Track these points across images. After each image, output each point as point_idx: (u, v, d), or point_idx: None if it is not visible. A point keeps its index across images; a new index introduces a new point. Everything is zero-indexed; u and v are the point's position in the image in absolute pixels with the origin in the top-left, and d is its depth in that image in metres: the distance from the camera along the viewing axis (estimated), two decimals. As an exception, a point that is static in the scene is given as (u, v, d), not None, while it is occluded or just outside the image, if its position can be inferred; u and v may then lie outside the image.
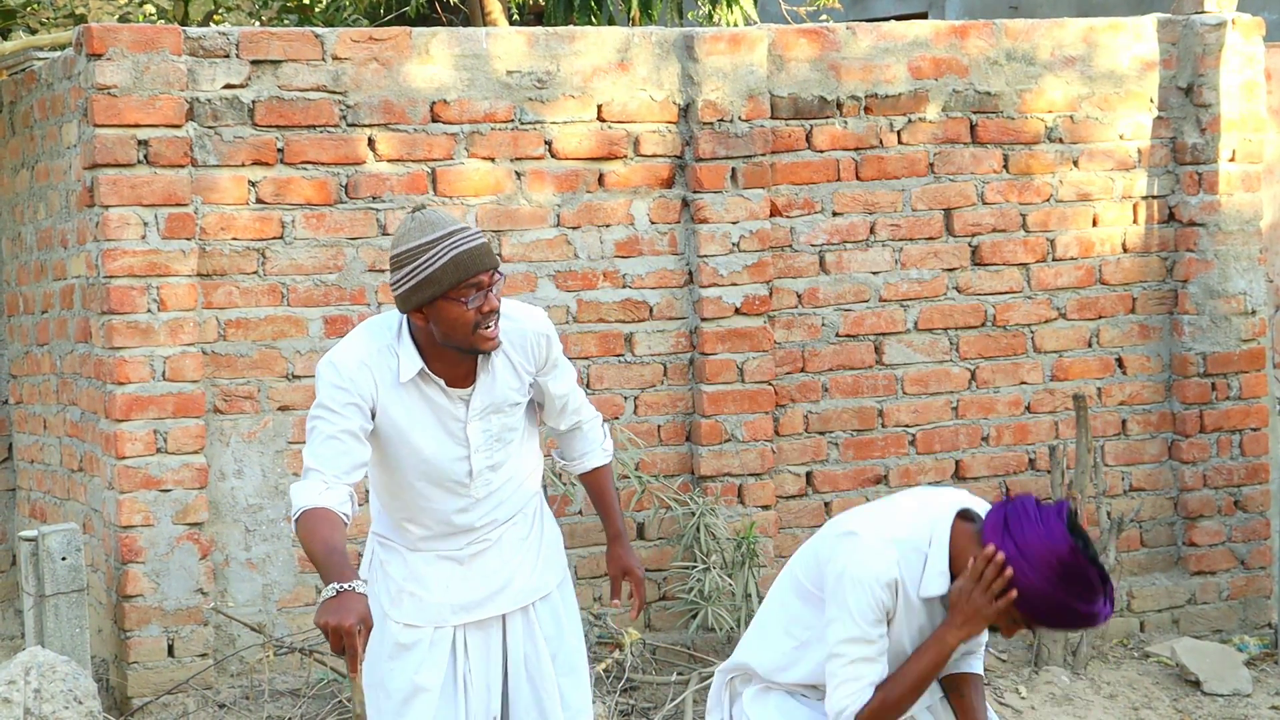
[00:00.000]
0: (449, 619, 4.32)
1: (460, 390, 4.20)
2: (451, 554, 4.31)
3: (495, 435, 4.25)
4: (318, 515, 4.01)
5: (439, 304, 4.07)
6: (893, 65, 7.01)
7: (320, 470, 4.07)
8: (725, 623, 6.59)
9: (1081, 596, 3.96)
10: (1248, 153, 7.41)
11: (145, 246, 6.22)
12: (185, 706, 6.24)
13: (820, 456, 7.02)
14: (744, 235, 6.82)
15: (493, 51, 6.60)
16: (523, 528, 4.38)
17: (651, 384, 6.84)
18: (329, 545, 3.94)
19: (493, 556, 4.33)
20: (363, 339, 4.20)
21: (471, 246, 4.08)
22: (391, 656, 4.33)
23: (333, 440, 4.10)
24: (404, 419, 4.19)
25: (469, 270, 4.06)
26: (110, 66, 6.16)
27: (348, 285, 6.50)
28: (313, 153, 6.42)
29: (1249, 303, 7.41)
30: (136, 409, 6.23)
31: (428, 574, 4.32)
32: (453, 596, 4.32)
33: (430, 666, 4.31)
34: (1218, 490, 7.43)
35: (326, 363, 4.17)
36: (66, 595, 5.94)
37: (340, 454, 4.09)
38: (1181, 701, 6.74)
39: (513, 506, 4.35)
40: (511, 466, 4.31)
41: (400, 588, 4.33)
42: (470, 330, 4.09)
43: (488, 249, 4.11)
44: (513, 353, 4.24)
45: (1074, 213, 7.29)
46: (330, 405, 4.12)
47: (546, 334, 4.30)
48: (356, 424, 4.12)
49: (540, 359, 4.29)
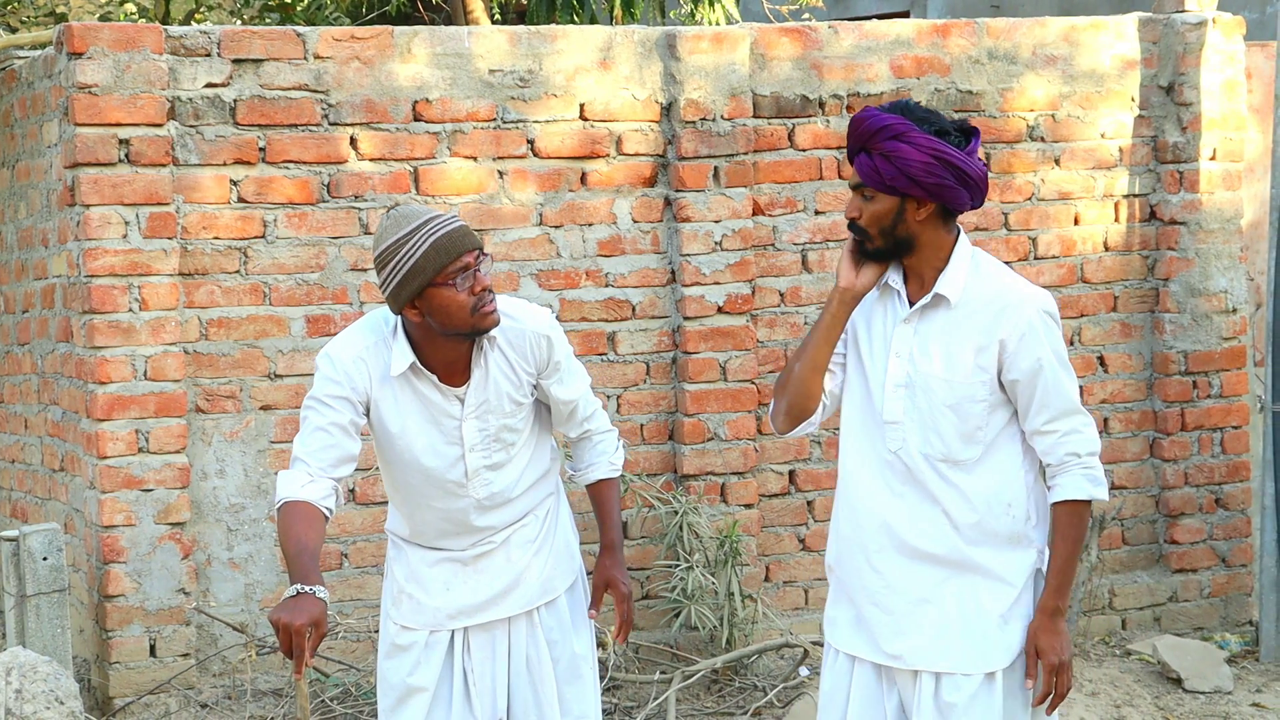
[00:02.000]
0: (445, 624, 4.31)
1: (455, 389, 4.19)
2: (455, 554, 4.30)
3: (493, 435, 4.22)
4: (297, 510, 4.02)
5: (429, 293, 4.06)
6: (875, 64, 7.02)
7: (306, 462, 4.09)
8: (708, 621, 6.59)
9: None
10: (1229, 151, 7.42)
11: (126, 246, 6.21)
12: (167, 706, 6.23)
13: (803, 455, 7.02)
14: (726, 234, 6.83)
15: (475, 50, 6.59)
16: (532, 529, 4.35)
17: (634, 383, 6.84)
18: (300, 544, 3.95)
19: (499, 558, 4.31)
20: (360, 333, 4.20)
21: (450, 230, 4.07)
22: (388, 656, 4.35)
23: (321, 433, 4.11)
24: (398, 415, 4.18)
25: (450, 253, 4.05)
26: (91, 65, 6.14)
27: (330, 284, 6.49)
28: (294, 152, 6.41)
29: (1230, 301, 7.43)
30: (118, 408, 6.21)
31: (428, 576, 4.31)
32: (453, 600, 4.30)
33: (425, 668, 4.30)
34: (1199, 488, 7.45)
35: (323, 355, 4.18)
36: (48, 595, 5.93)
37: (327, 447, 4.10)
38: (1163, 699, 6.76)
39: (520, 508, 4.32)
40: (515, 468, 4.28)
41: (400, 588, 4.34)
42: (469, 312, 4.08)
43: (467, 231, 4.09)
44: (510, 352, 4.21)
45: (1055, 211, 7.30)
46: (322, 398, 4.13)
47: (547, 335, 4.24)
48: (347, 418, 4.13)
49: (541, 360, 4.25)
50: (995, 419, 4.01)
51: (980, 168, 3.97)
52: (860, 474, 4.12)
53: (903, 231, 3.97)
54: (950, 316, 4.00)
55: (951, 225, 4.02)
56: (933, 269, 4.01)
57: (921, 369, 4.01)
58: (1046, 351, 3.97)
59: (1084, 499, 3.99)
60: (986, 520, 4.01)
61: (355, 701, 6.29)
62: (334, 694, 6.32)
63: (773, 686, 6.59)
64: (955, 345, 3.99)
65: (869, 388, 4.10)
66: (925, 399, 4.00)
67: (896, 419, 4.03)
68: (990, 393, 3.98)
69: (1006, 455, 4.03)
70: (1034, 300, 3.99)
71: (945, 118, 3.99)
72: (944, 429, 3.99)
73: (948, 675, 4.00)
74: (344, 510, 6.46)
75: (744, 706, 6.52)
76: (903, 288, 4.06)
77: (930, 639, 4.02)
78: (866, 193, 3.97)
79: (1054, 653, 3.95)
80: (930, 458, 4.01)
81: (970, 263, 4.02)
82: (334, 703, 6.28)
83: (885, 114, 3.95)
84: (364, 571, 6.54)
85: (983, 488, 4.01)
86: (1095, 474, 4.00)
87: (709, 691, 6.64)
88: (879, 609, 4.07)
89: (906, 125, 3.91)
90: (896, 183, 3.92)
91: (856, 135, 3.98)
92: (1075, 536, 4.00)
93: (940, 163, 3.90)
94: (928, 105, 7.06)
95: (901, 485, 4.05)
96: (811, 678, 6.68)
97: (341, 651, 6.47)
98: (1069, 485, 3.98)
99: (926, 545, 4.03)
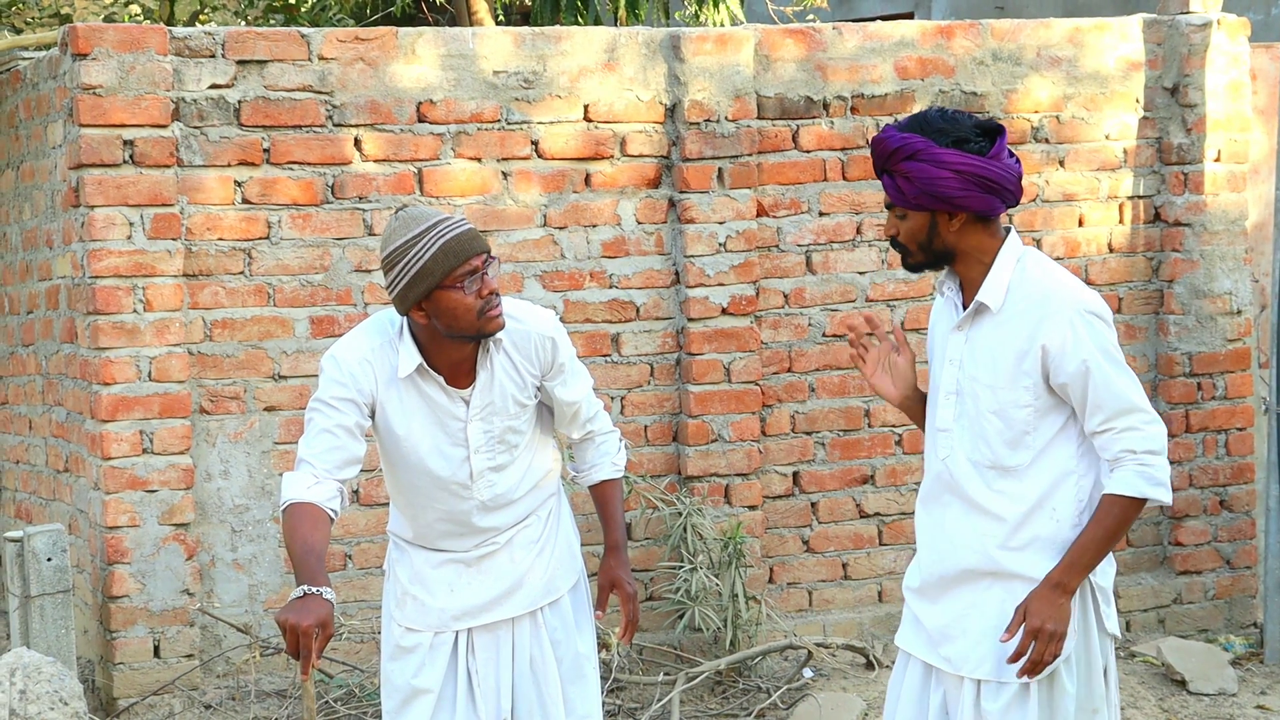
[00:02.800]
0: (450, 625, 4.31)
1: (461, 390, 4.19)
2: (459, 556, 4.30)
3: (498, 437, 4.22)
4: (303, 511, 4.02)
5: (436, 295, 4.06)
6: (879, 65, 7.02)
7: (312, 464, 4.09)
8: (712, 623, 6.59)
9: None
10: (1233, 153, 7.42)
11: (131, 247, 6.21)
12: (171, 707, 6.23)
13: (807, 456, 7.02)
14: (730, 235, 6.82)
15: (479, 51, 6.59)
16: (535, 530, 4.35)
17: (638, 384, 6.84)
18: (306, 545, 3.96)
19: (502, 559, 4.31)
20: (366, 335, 4.20)
21: (459, 233, 4.07)
22: (392, 658, 4.35)
23: (326, 434, 4.11)
24: (403, 417, 4.19)
25: (459, 256, 4.05)
26: (95, 66, 6.14)
27: (334, 285, 6.49)
28: (299, 153, 6.41)
29: (1234, 303, 7.43)
30: (122, 409, 6.21)
31: (432, 578, 4.32)
32: (457, 601, 4.30)
33: (430, 669, 4.31)
34: (1203, 490, 7.44)
35: (329, 357, 4.18)
36: (52, 596, 5.94)
37: (333, 449, 4.10)
38: (1167, 701, 6.75)
39: (524, 509, 4.32)
40: (519, 469, 4.28)
41: (405, 590, 4.34)
42: (476, 315, 4.08)
43: (475, 234, 4.09)
44: (515, 353, 4.21)
45: (1060, 213, 7.30)
46: (328, 400, 4.13)
47: (552, 336, 4.24)
48: (352, 420, 4.13)
49: (545, 362, 4.24)
50: (1046, 424, 3.97)
51: (1006, 169, 3.94)
52: (922, 486, 4.15)
53: (939, 244, 3.97)
54: (995, 321, 3.98)
55: (995, 228, 4.00)
56: (979, 274, 4.00)
57: (970, 375, 4.00)
58: (1092, 352, 3.92)
59: (1130, 495, 3.93)
60: (1032, 526, 3.98)
61: (359, 703, 6.29)
62: (338, 695, 6.32)
63: (776, 688, 6.59)
64: (999, 351, 3.97)
65: (933, 397, 4.11)
66: (973, 405, 4.00)
67: (947, 426, 4.04)
68: (1035, 398, 3.95)
69: (1058, 460, 3.99)
70: (1076, 302, 3.96)
71: (967, 121, 3.95)
72: (990, 435, 3.98)
73: (985, 682, 3.98)
74: (348, 511, 6.46)
75: (748, 708, 6.52)
76: (958, 295, 4.06)
77: (972, 644, 4.01)
78: (898, 212, 3.98)
79: (1039, 616, 3.89)
80: (978, 464, 4.00)
81: (1015, 266, 3.99)
82: (338, 704, 6.28)
83: (901, 133, 3.93)
84: (368, 573, 6.54)
85: (1031, 493, 3.98)
86: (1150, 472, 3.93)
87: (713, 693, 6.63)
88: (931, 610, 4.08)
89: (922, 142, 3.90)
90: (922, 201, 3.92)
91: (876, 156, 3.99)
92: (1109, 525, 3.93)
93: (961, 175, 3.89)
94: (932, 107, 7.06)
95: (948, 495, 4.05)
96: (815, 679, 6.68)
97: (345, 653, 6.47)
98: (1116, 479, 3.94)
99: (970, 558, 4.02)
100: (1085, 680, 4.03)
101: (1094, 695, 4.04)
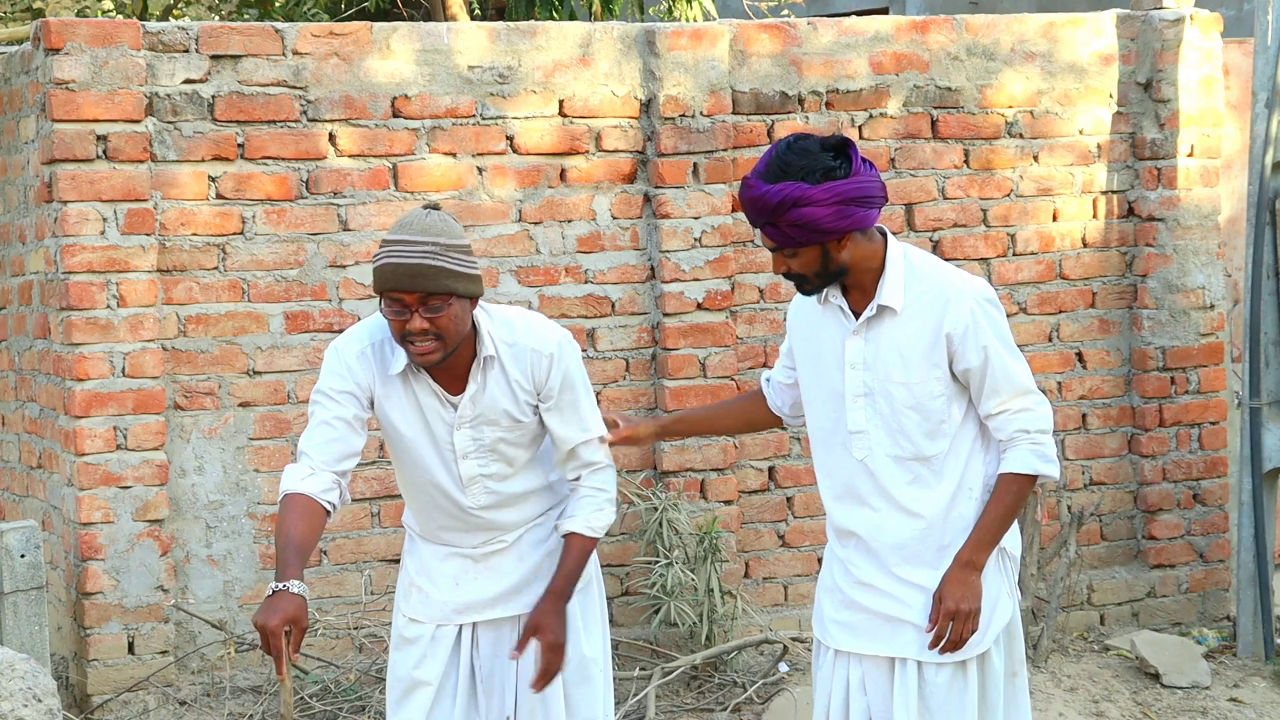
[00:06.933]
0: (452, 618, 4.31)
1: (453, 396, 4.19)
2: (465, 551, 4.31)
3: (488, 447, 4.21)
4: (293, 503, 4.05)
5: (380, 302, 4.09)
6: (854, 60, 7.02)
7: (310, 455, 4.12)
8: (688, 618, 6.59)
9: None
10: (1206, 148, 7.44)
11: (104, 242, 6.19)
12: (146, 704, 6.22)
13: (782, 451, 7.03)
14: (706, 230, 6.83)
15: (454, 46, 6.58)
16: (545, 530, 4.35)
17: (614, 379, 6.84)
18: (287, 538, 3.97)
19: (510, 556, 4.31)
20: (367, 329, 4.23)
21: (397, 262, 4.00)
22: (396, 647, 4.37)
23: (325, 426, 4.13)
24: (396, 414, 4.21)
25: (384, 284, 4.04)
26: (68, 61, 6.12)
27: (309, 281, 6.48)
28: (273, 148, 6.40)
29: (1208, 297, 7.45)
30: (96, 405, 6.19)
31: (437, 570, 4.32)
32: (461, 595, 4.30)
33: (431, 661, 4.31)
34: (1177, 484, 7.47)
35: (330, 349, 4.21)
36: (25, 593, 5.91)
37: (330, 441, 4.12)
38: (1141, 694, 6.78)
39: (533, 509, 4.33)
40: (520, 481, 4.28)
41: (411, 581, 4.36)
42: (399, 339, 4.09)
43: (418, 271, 3.99)
44: (512, 369, 4.18)
45: (1034, 207, 7.32)
46: (328, 391, 4.16)
47: (549, 354, 4.19)
48: (351, 412, 4.14)
49: (539, 380, 4.20)
50: (955, 409, 4.14)
51: (870, 180, 4.07)
52: (831, 487, 4.27)
53: (834, 266, 4.12)
54: (896, 321, 4.13)
55: (872, 233, 4.15)
56: (870, 280, 4.15)
57: (880, 376, 4.14)
58: (991, 339, 4.11)
59: (1026, 473, 4.12)
60: (955, 508, 4.15)
61: (335, 699, 6.28)
62: (313, 691, 6.31)
63: (752, 683, 6.59)
64: (907, 348, 4.13)
65: (829, 402, 4.22)
66: (886, 404, 4.14)
67: (861, 428, 4.16)
68: (945, 386, 4.12)
69: (966, 441, 4.17)
70: (974, 291, 4.14)
71: (819, 148, 4.05)
72: (910, 430, 4.13)
73: (926, 664, 4.15)
74: (323, 507, 6.44)
75: (724, 703, 6.52)
76: (844, 301, 4.18)
77: (912, 629, 4.17)
78: (787, 252, 4.10)
79: (952, 599, 4.08)
80: (900, 459, 4.15)
81: (904, 265, 4.15)
82: (313, 700, 6.27)
83: (773, 185, 4.01)
84: (343, 569, 6.53)
85: (950, 477, 4.14)
86: (1043, 450, 4.13)
87: (688, 688, 6.64)
88: (857, 611, 4.23)
89: (797, 189, 3.99)
90: (812, 240, 4.05)
91: (756, 212, 4.07)
92: (1008, 502, 4.12)
93: (838, 205, 4.01)
94: (906, 102, 7.08)
95: (870, 495, 4.18)
96: (791, 674, 6.69)
97: (321, 649, 6.46)
98: (1013, 459, 4.13)
99: (899, 551, 4.18)
100: (1007, 647, 4.23)
101: (1014, 659, 4.25)
